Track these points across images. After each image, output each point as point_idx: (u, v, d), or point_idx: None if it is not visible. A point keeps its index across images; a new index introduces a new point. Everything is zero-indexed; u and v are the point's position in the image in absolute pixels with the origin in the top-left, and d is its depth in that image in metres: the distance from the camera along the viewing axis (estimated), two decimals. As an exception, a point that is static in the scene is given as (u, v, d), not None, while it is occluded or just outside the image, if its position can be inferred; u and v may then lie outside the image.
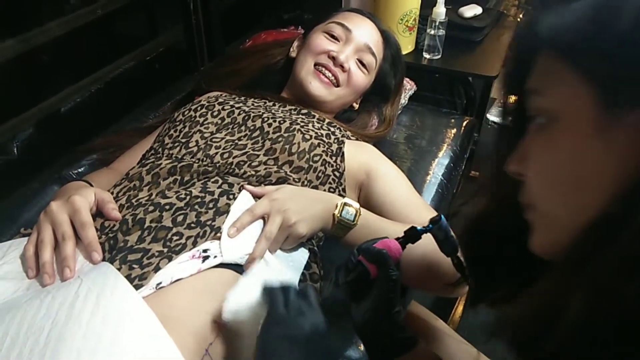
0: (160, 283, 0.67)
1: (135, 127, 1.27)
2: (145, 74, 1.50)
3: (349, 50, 1.09)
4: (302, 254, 0.85)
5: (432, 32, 1.48)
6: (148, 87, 1.49)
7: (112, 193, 0.82)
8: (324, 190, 0.94)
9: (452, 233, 0.69)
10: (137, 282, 0.66)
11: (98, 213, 0.75)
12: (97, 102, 1.34)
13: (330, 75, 1.08)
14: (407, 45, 1.51)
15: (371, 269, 0.65)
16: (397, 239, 0.69)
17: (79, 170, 1.17)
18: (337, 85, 1.09)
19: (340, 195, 0.96)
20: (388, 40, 1.18)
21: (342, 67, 1.08)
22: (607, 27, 0.37)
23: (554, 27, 0.41)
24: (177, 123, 0.98)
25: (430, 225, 0.70)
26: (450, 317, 1.50)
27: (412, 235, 0.70)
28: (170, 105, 1.38)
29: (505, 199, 0.50)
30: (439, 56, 1.53)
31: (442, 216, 0.70)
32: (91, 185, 0.86)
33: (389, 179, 0.98)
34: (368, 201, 0.98)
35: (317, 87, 1.06)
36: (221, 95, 1.07)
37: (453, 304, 1.53)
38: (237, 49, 1.53)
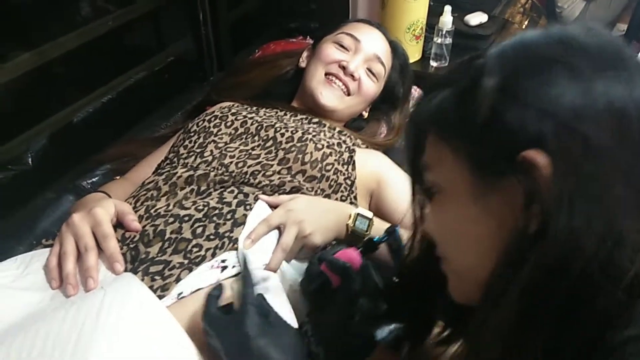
0: (182, 293, 0.69)
1: (147, 137, 1.29)
2: (155, 84, 1.51)
3: (358, 59, 1.10)
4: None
5: (439, 40, 1.49)
6: (158, 97, 1.51)
7: (129, 203, 0.84)
8: (336, 198, 0.95)
9: (403, 245, 0.74)
10: (160, 292, 0.67)
11: (118, 224, 0.77)
12: (109, 113, 1.35)
13: (341, 84, 1.09)
14: (414, 54, 1.53)
15: (334, 279, 0.69)
16: (357, 248, 0.72)
17: (93, 180, 1.18)
18: (348, 94, 1.11)
19: (351, 203, 0.98)
20: (396, 50, 1.20)
21: (352, 76, 1.09)
22: (469, 116, 0.44)
23: (431, 112, 0.48)
24: (192, 134, 1.00)
25: (386, 236, 0.75)
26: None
27: (370, 245, 0.75)
28: (181, 115, 1.40)
29: (430, 250, 0.55)
30: (446, 64, 1.54)
31: (397, 228, 0.75)
32: (109, 196, 0.88)
33: (400, 187, 1.00)
34: (379, 209, 0.99)
35: (328, 96, 1.08)
36: (233, 105, 1.09)
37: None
38: (246, 59, 1.55)
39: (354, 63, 1.09)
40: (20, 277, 0.72)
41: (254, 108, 1.08)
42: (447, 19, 1.46)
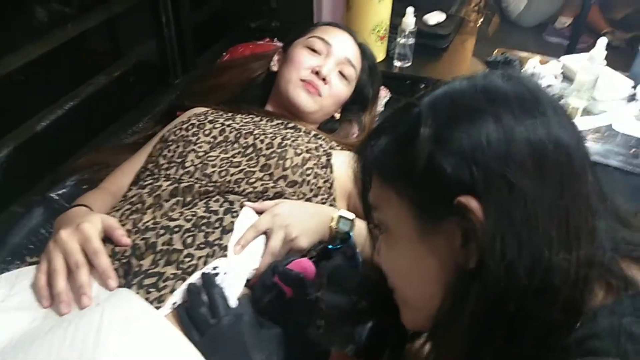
0: (176, 302, 0.70)
1: (118, 145, 1.27)
2: (120, 89, 1.49)
3: (330, 63, 1.13)
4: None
5: (402, 41, 1.54)
6: (124, 102, 1.49)
7: (114, 217, 0.83)
8: (317, 201, 0.98)
9: (359, 252, 0.78)
10: (156, 304, 0.68)
11: (106, 239, 0.76)
12: (75, 121, 1.32)
13: (314, 89, 1.11)
14: (379, 54, 1.56)
15: (287, 290, 0.72)
16: (310, 258, 0.75)
17: (64, 190, 1.16)
18: (320, 96, 1.13)
19: (331, 205, 1.00)
20: (365, 52, 1.23)
21: (324, 80, 1.12)
22: (408, 163, 0.48)
23: (375, 158, 0.52)
24: (170, 143, 0.99)
25: (340, 245, 0.78)
26: None
27: (324, 253, 0.78)
28: (150, 120, 1.38)
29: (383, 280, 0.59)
30: (410, 64, 1.59)
31: (351, 235, 0.79)
32: (92, 210, 0.87)
33: None
34: (357, 209, 1.02)
35: (305, 98, 1.10)
36: (209, 112, 1.09)
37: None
38: (212, 61, 1.54)
39: (327, 67, 1.11)
40: (9, 297, 0.71)
41: (230, 114, 1.09)
42: (409, 20, 1.51)
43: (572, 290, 0.44)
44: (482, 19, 1.97)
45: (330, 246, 0.78)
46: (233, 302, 0.70)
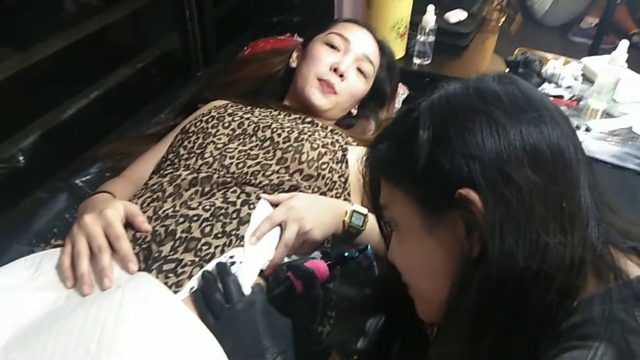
0: (193, 287, 0.73)
1: (140, 135, 1.31)
2: (142, 81, 1.52)
3: (348, 60, 1.14)
4: (316, 256, 0.91)
5: (422, 38, 1.54)
6: (146, 93, 1.52)
7: (135, 204, 0.86)
8: (331, 195, 1.00)
9: (375, 263, 0.80)
10: (174, 289, 0.71)
11: (128, 225, 0.79)
12: (98, 111, 1.36)
13: (329, 88, 1.13)
14: (398, 52, 1.57)
15: (297, 285, 0.74)
16: (326, 262, 0.77)
17: (87, 177, 1.19)
18: (336, 93, 1.14)
19: (345, 199, 1.02)
20: (384, 49, 1.24)
21: (341, 76, 1.13)
22: (410, 163, 0.51)
23: (380, 161, 0.57)
24: (190, 134, 1.02)
25: (357, 254, 0.80)
26: None
27: (340, 260, 0.80)
28: (171, 112, 1.41)
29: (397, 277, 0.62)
30: (429, 61, 1.59)
31: (369, 247, 0.81)
32: (114, 197, 0.90)
33: None
34: None
35: (320, 98, 1.11)
36: (229, 105, 1.12)
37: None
38: (234, 55, 1.57)
39: (345, 64, 1.13)
40: (34, 278, 0.74)
41: (249, 108, 1.11)
42: (430, 17, 1.51)
43: (568, 272, 0.47)
44: (504, 18, 1.96)
45: (347, 254, 0.80)
46: (246, 290, 0.72)
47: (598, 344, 0.44)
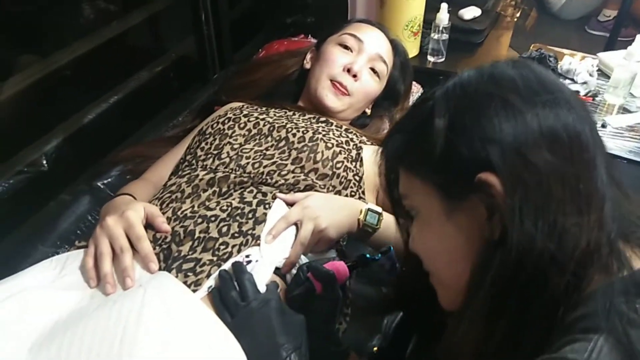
0: (211, 286, 0.74)
1: (158, 138, 1.33)
2: (160, 85, 1.55)
3: (362, 60, 1.15)
4: (331, 254, 0.93)
5: (436, 36, 1.54)
6: (163, 97, 1.55)
7: (155, 205, 0.89)
8: (346, 194, 1.01)
9: (398, 265, 0.80)
10: (193, 287, 0.73)
11: (148, 225, 0.82)
12: (118, 115, 1.39)
13: (342, 89, 1.14)
14: (412, 50, 1.58)
15: (317, 285, 0.74)
16: (347, 263, 0.78)
17: (109, 180, 1.22)
18: (349, 94, 1.15)
19: (360, 198, 1.03)
20: (397, 48, 1.25)
21: (355, 76, 1.14)
22: (429, 151, 0.52)
23: (398, 151, 0.58)
24: (207, 136, 1.04)
25: (379, 255, 0.80)
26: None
27: (361, 262, 0.80)
28: (189, 114, 1.44)
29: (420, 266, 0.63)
30: (443, 59, 1.59)
31: (391, 248, 0.81)
32: (135, 199, 0.92)
33: None
34: (386, 202, 1.05)
35: (332, 100, 1.13)
36: (244, 106, 1.13)
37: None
38: (249, 58, 1.59)
39: (358, 64, 1.14)
40: (59, 278, 0.77)
41: (264, 108, 1.13)
42: (443, 15, 1.51)
43: (584, 255, 0.47)
44: (519, 14, 1.95)
45: (368, 255, 0.81)
46: (262, 288, 0.74)
47: (598, 337, 0.44)
